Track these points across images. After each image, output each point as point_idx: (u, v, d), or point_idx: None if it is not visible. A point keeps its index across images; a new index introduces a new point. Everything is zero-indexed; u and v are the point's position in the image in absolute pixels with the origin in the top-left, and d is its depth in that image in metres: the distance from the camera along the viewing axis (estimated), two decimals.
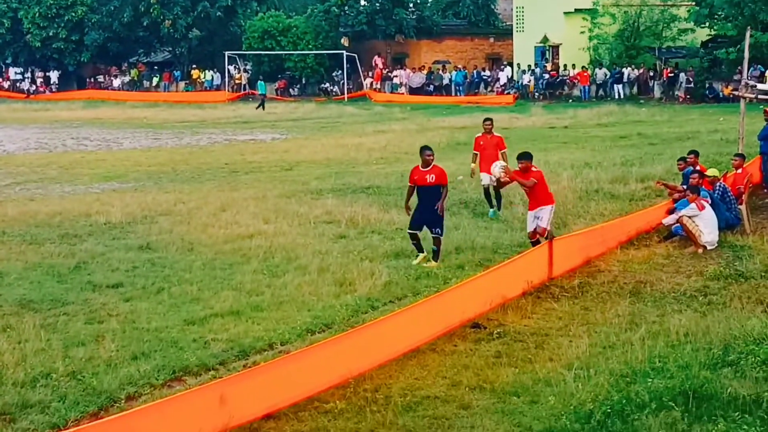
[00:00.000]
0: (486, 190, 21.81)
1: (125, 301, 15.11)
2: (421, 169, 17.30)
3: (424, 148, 17.47)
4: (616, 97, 60.26)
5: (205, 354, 12.39)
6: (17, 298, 15.14)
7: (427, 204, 17.17)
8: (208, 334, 13.26)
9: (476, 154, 21.96)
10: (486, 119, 22.28)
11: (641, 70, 61.39)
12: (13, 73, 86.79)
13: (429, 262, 17.12)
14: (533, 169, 17.46)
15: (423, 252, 17.22)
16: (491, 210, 21.73)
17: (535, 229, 17.37)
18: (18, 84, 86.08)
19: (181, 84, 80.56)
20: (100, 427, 8.85)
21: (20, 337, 13.01)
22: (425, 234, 17.48)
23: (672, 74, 59.59)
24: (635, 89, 61.75)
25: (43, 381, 11.39)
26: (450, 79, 69.47)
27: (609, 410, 10.31)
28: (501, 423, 10.29)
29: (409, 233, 17.41)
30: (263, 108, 61.58)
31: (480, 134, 22.08)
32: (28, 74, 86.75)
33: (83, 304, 14.93)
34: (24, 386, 11.19)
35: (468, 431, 10.11)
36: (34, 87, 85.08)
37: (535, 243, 17.24)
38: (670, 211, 19.16)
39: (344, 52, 71.41)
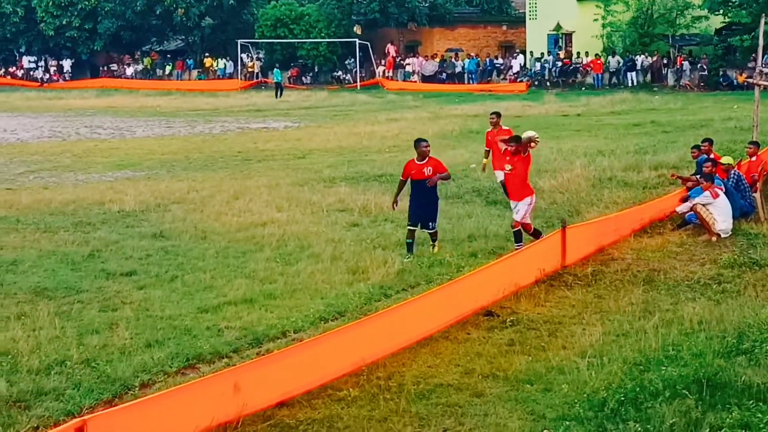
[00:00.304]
0: (504, 186, 21.46)
1: (139, 288, 15.14)
2: (417, 162, 16.93)
3: (420, 140, 17.15)
4: (630, 84, 60.12)
5: (219, 342, 12.41)
6: (32, 286, 15.18)
7: (424, 197, 16.91)
8: (222, 321, 13.28)
9: (488, 151, 21.69)
10: (491, 113, 21.99)
11: (655, 58, 61.17)
12: (26, 61, 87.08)
13: (433, 246, 17.10)
14: (522, 154, 17.24)
15: (412, 253, 16.94)
16: None
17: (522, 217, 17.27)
18: (31, 73, 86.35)
19: (194, 72, 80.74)
20: (114, 415, 8.87)
21: (35, 325, 13.06)
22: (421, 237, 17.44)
23: (685, 62, 59.42)
24: (648, 77, 61.54)
25: (58, 368, 11.41)
26: (463, 67, 69.38)
27: (622, 398, 10.30)
28: (514, 411, 10.29)
29: (408, 229, 17.18)
30: (280, 95, 61.52)
31: (490, 129, 21.77)
32: (42, 63, 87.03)
33: (97, 291, 14.97)
34: (39, 374, 11.22)
35: (481, 419, 10.10)
36: (47, 75, 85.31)
37: (536, 234, 17.16)
38: (684, 199, 19.10)
39: (357, 40, 71.31)
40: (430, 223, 17.03)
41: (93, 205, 22.37)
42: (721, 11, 56.84)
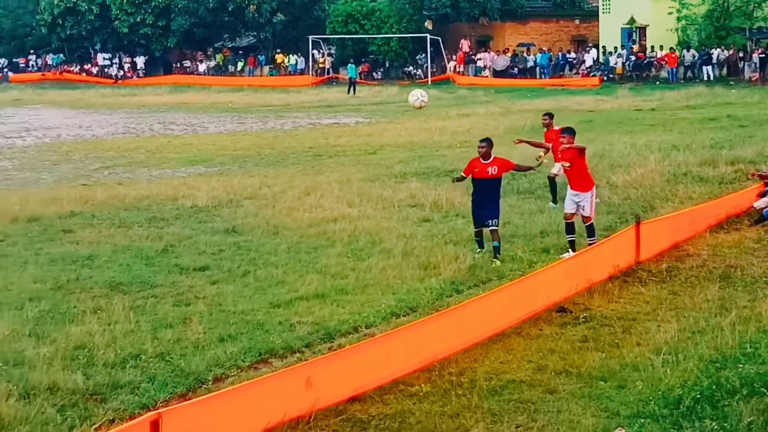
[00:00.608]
0: (551, 180, 21.14)
1: (212, 283, 15.24)
2: (482, 161, 16.64)
3: (480, 141, 16.86)
4: (705, 78, 59.26)
5: (291, 336, 12.45)
6: (107, 281, 15.35)
7: (486, 197, 16.62)
8: (294, 316, 13.32)
9: (550, 146, 21.41)
10: (543, 115, 21.69)
11: (731, 52, 60.27)
12: (101, 59, 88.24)
13: (494, 262, 16.33)
14: (573, 143, 16.92)
15: (483, 248, 16.75)
16: (552, 204, 21.00)
17: (574, 213, 16.93)
18: (106, 70, 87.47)
19: (266, 68, 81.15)
20: (188, 408, 8.94)
21: (110, 319, 13.20)
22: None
23: (763, 55, 58.43)
24: (725, 71, 60.66)
25: (133, 362, 11.53)
26: (534, 62, 68.95)
27: (698, 396, 10.16)
28: (588, 408, 10.19)
29: (475, 231, 16.99)
30: (354, 91, 61.63)
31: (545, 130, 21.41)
32: (116, 60, 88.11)
33: (171, 286, 15.10)
34: (114, 367, 11.34)
35: (554, 415, 10.02)
36: (121, 72, 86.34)
37: (570, 225, 16.84)
38: (762, 194, 18.81)
39: (428, 35, 71.23)
40: (491, 221, 16.53)
41: (166, 201, 22.57)
42: None
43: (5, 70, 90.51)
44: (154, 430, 8.30)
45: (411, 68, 74.87)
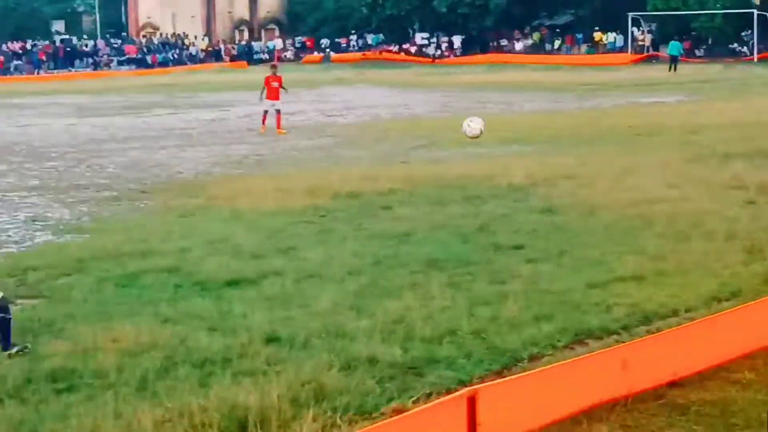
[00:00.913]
0: None
1: (527, 262, 15.16)
2: None
3: None
4: None
5: (608, 318, 12.21)
6: (424, 257, 15.57)
7: None
8: (611, 298, 13.06)
9: None
10: None
11: None
12: (419, 38, 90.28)
13: None
14: None
15: None
16: None
17: None
18: (424, 49, 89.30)
19: (583, 47, 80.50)
20: (505, 385, 8.95)
21: (427, 295, 13.37)
22: None
23: None
24: None
25: (449, 338, 11.60)
26: None
27: None
28: None
29: None
30: (675, 69, 60.30)
31: None
32: (434, 39, 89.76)
33: (487, 264, 15.13)
34: (431, 342, 11.47)
35: None
36: (438, 52, 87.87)
37: None
38: None
39: (755, 11, 68.46)
40: None
41: (482, 179, 22.72)
42: None
43: (328, 50, 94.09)
44: (471, 405, 8.35)
45: (736, 45, 72.29)
